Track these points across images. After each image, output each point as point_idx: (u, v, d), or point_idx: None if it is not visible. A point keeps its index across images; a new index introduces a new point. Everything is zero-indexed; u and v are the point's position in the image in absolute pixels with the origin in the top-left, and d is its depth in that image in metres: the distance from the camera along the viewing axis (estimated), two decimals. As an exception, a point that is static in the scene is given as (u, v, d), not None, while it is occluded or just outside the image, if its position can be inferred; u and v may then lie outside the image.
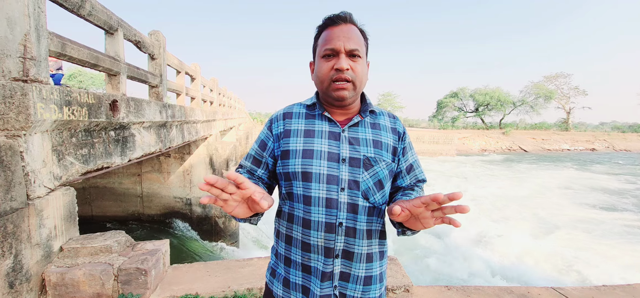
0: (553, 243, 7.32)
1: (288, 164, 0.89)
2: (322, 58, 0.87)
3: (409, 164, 0.96)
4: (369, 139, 0.90)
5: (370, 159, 0.87)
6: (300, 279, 0.88)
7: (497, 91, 38.11)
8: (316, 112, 0.93)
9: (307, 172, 0.85)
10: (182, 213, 6.37)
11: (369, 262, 0.87)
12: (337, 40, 0.84)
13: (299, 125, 0.92)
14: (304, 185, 0.86)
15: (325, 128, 0.90)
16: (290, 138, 0.90)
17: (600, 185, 14.55)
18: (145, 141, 3.53)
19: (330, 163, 0.86)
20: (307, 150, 0.87)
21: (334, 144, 0.88)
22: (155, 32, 4.24)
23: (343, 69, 0.84)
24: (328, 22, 0.88)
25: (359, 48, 0.86)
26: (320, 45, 0.88)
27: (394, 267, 2.38)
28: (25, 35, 1.84)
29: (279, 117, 0.96)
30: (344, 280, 0.85)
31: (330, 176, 0.85)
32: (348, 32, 0.85)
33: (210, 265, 2.50)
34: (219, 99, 9.55)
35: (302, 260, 0.87)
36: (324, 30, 0.89)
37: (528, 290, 2.30)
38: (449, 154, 25.84)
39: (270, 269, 0.97)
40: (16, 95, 1.73)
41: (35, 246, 1.88)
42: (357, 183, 0.85)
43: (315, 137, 0.89)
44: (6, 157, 1.66)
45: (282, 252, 0.92)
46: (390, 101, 43.80)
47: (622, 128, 42.97)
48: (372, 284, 0.88)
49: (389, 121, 0.96)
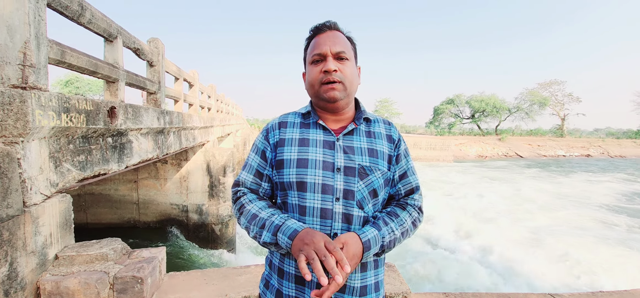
0: (552, 250, 7.34)
1: (283, 174, 0.88)
2: (311, 64, 0.89)
3: (403, 171, 0.95)
4: (364, 147, 0.89)
5: (365, 168, 0.87)
6: (293, 291, 0.86)
7: (493, 98, 38.52)
8: (311, 120, 0.92)
9: (302, 182, 0.85)
10: (179, 220, 6.33)
11: (364, 272, 0.86)
12: (323, 45, 0.86)
13: (294, 134, 0.91)
14: (299, 194, 0.85)
15: (319, 137, 0.89)
16: (285, 147, 0.90)
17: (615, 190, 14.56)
18: (142, 148, 3.52)
19: (325, 172, 0.85)
20: (301, 160, 0.87)
21: (329, 153, 0.87)
22: (154, 40, 4.27)
23: (331, 71, 0.85)
24: (314, 31, 0.90)
25: (346, 51, 0.87)
26: (309, 53, 0.90)
27: (392, 274, 2.37)
28: (25, 43, 1.85)
29: (274, 126, 0.95)
30: (340, 291, 0.84)
31: (325, 185, 0.84)
32: (334, 37, 0.87)
33: (207, 273, 2.48)
34: (216, 105, 9.56)
35: (296, 272, 0.85)
36: (311, 40, 0.91)
37: (526, 296, 2.31)
38: (445, 160, 25.96)
39: (264, 280, 0.95)
40: (15, 102, 1.73)
41: (31, 254, 1.86)
42: (352, 193, 0.85)
43: (310, 146, 0.88)
44: (3, 164, 1.66)
45: (276, 263, 0.90)
46: (387, 107, 44.06)
47: (616, 134, 43.49)
48: (368, 294, 0.87)
49: (384, 128, 0.96)
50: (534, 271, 6.38)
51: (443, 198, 12.44)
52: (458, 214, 10.00)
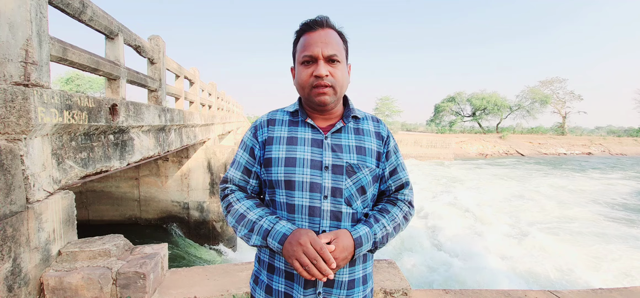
0: (553, 247, 7.36)
1: (271, 172, 0.88)
2: (301, 65, 0.86)
3: (392, 168, 0.96)
4: (352, 145, 0.89)
5: (353, 166, 0.87)
6: (283, 286, 0.87)
7: (494, 95, 38.40)
8: (299, 118, 0.92)
9: (290, 181, 0.85)
10: (180, 217, 6.35)
11: (352, 266, 0.88)
12: (314, 46, 0.83)
13: (282, 133, 0.91)
14: (287, 193, 0.86)
15: (308, 135, 0.89)
16: (273, 145, 0.89)
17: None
18: (144, 145, 3.54)
19: (314, 171, 0.85)
20: (289, 158, 0.87)
21: (317, 151, 0.87)
22: (155, 37, 4.27)
23: (322, 76, 0.83)
24: (305, 27, 0.86)
25: (337, 53, 0.85)
26: (299, 51, 0.87)
27: (392, 271, 2.39)
28: (27, 40, 1.85)
29: (263, 124, 0.94)
30: (328, 286, 0.86)
31: (313, 184, 0.84)
32: (326, 37, 0.84)
33: (208, 269, 2.50)
34: (217, 103, 9.56)
35: (286, 268, 0.86)
36: (301, 36, 0.87)
37: (526, 294, 2.32)
38: (446, 158, 25.92)
39: (254, 276, 0.96)
40: (17, 99, 1.74)
41: (34, 250, 1.88)
42: (340, 191, 0.85)
43: (298, 145, 0.88)
44: (6, 161, 1.67)
45: (265, 259, 0.91)
46: (388, 105, 43.94)
47: (617, 132, 43.36)
48: (356, 287, 0.88)
49: (372, 125, 0.95)
50: (536, 267, 6.38)
51: (465, 192, 12.49)
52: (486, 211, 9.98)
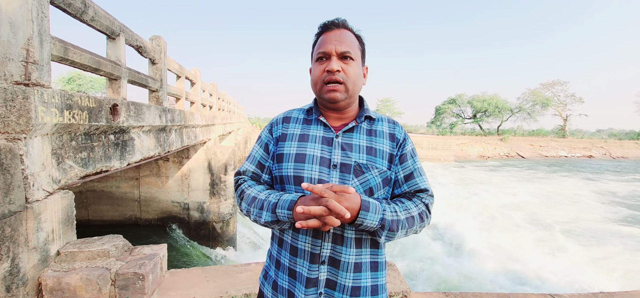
0: (553, 249, 7.32)
1: (281, 167, 0.90)
2: (316, 62, 0.90)
3: (408, 172, 0.92)
4: (363, 145, 0.89)
5: (361, 166, 0.86)
6: (286, 283, 0.88)
7: (495, 98, 38.38)
8: (313, 117, 0.94)
9: (298, 176, 0.87)
10: (180, 218, 6.34)
11: (358, 272, 0.85)
12: (329, 43, 0.87)
13: (295, 130, 0.93)
14: (296, 189, 0.87)
15: (319, 133, 0.91)
16: (286, 142, 0.92)
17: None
18: (144, 145, 3.53)
19: (322, 168, 0.86)
20: (299, 154, 0.88)
21: (327, 149, 0.88)
22: (156, 37, 4.27)
23: (334, 71, 0.85)
24: (323, 28, 0.91)
25: (351, 50, 0.87)
26: (315, 49, 0.91)
27: (392, 273, 2.37)
28: (28, 40, 1.85)
29: (279, 121, 0.98)
30: (330, 287, 0.84)
31: (321, 181, 0.85)
32: (340, 35, 0.87)
33: (208, 270, 2.49)
34: (218, 104, 9.57)
35: (289, 265, 0.88)
36: (319, 37, 0.91)
37: (526, 297, 2.30)
38: (447, 160, 25.91)
39: (264, 271, 0.98)
40: (18, 98, 1.74)
41: (33, 250, 1.87)
42: None
43: (309, 142, 0.90)
44: (6, 160, 1.67)
45: (275, 255, 0.93)
46: (389, 107, 43.96)
47: (618, 135, 43.25)
48: (361, 296, 0.85)
49: (387, 127, 0.94)
50: (537, 270, 6.35)
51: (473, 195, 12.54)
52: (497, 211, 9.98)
